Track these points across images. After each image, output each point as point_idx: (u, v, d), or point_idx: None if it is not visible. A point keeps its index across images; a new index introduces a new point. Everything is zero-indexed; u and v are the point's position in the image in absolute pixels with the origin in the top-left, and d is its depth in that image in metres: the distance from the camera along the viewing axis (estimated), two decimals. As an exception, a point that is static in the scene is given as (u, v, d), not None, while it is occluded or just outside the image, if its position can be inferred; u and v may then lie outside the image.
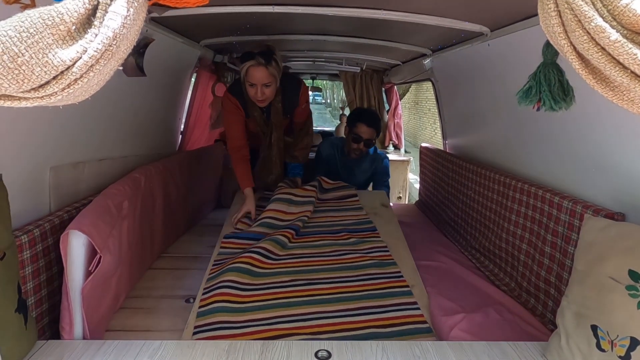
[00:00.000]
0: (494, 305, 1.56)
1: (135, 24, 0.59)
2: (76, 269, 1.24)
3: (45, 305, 1.32)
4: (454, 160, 2.54)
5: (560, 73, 1.00)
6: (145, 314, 1.59)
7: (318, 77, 4.82)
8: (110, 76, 0.63)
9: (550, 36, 0.63)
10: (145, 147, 2.27)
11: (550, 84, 0.99)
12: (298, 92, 2.34)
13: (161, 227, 2.14)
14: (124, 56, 0.61)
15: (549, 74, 0.99)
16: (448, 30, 1.90)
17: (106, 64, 0.57)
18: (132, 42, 0.62)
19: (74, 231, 1.23)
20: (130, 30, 0.58)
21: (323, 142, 3.10)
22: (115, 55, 0.58)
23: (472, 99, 2.35)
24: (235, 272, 1.68)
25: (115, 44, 0.56)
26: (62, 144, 1.48)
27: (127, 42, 0.59)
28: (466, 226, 2.30)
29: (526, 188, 1.69)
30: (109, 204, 1.47)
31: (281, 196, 2.29)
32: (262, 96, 2.12)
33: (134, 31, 0.60)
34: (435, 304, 1.55)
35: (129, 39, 0.59)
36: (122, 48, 0.58)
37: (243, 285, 1.62)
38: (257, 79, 2.05)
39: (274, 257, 1.85)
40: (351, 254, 1.89)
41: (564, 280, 1.44)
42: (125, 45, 0.59)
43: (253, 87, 2.09)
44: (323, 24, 2.28)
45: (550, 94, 0.98)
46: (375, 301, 1.57)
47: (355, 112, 2.97)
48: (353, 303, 1.56)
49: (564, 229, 1.45)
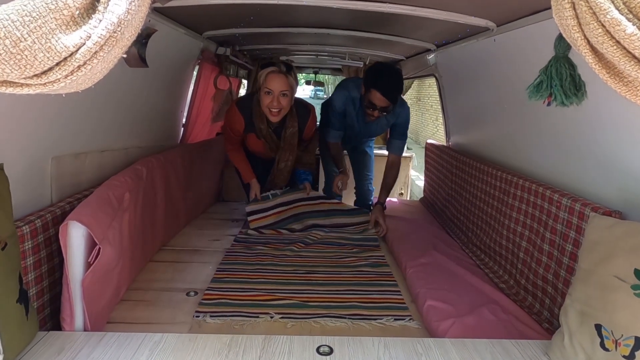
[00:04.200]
0: (488, 305, 1.54)
1: (140, 10, 0.57)
2: (76, 260, 1.23)
3: (46, 296, 1.32)
4: (458, 157, 2.53)
5: (572, 67, 0.98)
6: (146, 307, 1.59)
7: (320, 72, 4.80)
8: (114, 64, 0.61)
9: (563, 29, 0.62)
10: (146, 139, 2.26)
11: (562, 78, 0.97)
12: (308, 117, 2.42)
13: (162, 219, 2.14)
14: (128, 44, 0.60)
15: (561, 68, 0.98)
16: (453, 24, 1.88)
17: (110, 51, 0.55)
18: (137, 30, 0.60)
19: (73, 222, 1.22)
20: (135, 17, 0.57)
21: (337, 92, 2.52)
22: (120, 43, 0.56)
23: (477, 96, 2.33)
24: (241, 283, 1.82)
25: (120, 30, 0.55)
26: (64, 135, 1.47)
27: (132, 29, 0.58)
28: (468, 223, 2.29)
29: (527, 185, 1.68)
30: (110, 195, 1.46)
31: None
32: (277, 106, 2.12)
33: (138, 18, 0.58)
34: (428, 306, 1.53)
35: (134, 25, 0.58)
36: (126, 35, 0.57)
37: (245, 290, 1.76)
38: (275, 86, 2.08)
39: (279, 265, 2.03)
40: (350, 257, 2.13)
41: (560, 278, 1.43)
42: (129, 32, 0.58)
43: (269, 95, 2.10)
44: (326, 16, 2.26)
45: (561, 88, 0.97)
46: (362, 287, 1.80)
47: (372, 72, 2.27)
48: (343, 286, 1.80)
49: (562, 227, 1.45)
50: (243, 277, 1.85)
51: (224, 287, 1.75)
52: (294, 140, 2.38)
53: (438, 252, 2.04)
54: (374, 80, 2.21)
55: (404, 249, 2.11)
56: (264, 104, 2.14)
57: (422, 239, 2.27)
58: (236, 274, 1.88)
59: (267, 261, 2.03)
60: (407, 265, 1.90)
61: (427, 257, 1.98)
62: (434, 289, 1.64)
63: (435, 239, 2.31)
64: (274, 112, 2.15)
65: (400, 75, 2.29)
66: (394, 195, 3.99)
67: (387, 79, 2.22)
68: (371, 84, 2.22)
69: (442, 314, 1.47)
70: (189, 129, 3.10)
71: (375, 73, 2.24)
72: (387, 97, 2.19)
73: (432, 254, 2.02)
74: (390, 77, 2.23)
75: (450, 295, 1.59)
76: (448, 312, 1.48)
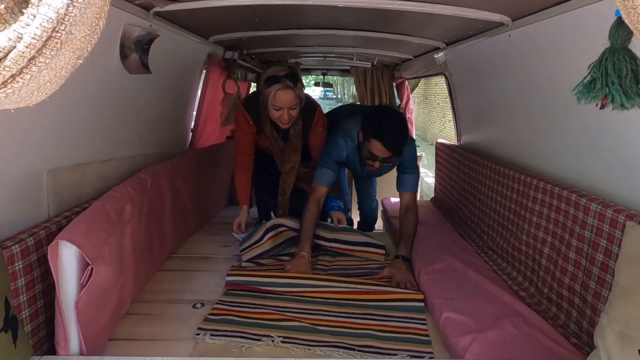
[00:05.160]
0: (510, 317, 1.45)
1: (92, 3, 0.47)
2: (68, 282, 1.18)
3: (41, 317, 1.26)
4: (470, 157, 2.44)
5: (635, 61, 0.81)
6: (151, 321, 1.54)
7: (329, 73, 4.74)
8: (70, 72, 0.51)
9: (626, 12, 0.51)
10: (153, 146, 2.23)
11: (621, 74, 0.79)
12: (314, 115, 2.25)
13: (171, 227, 2.10)
14: (85, 46, 0.50)
15: (619, 63, 0.79)
16: (464, 21, 1.80)
17: (55, 55, 0.45)
18: (93, 28, 0.50)
19: (63, 242, 1.16)
20: (86, 12, 0.46)
21: (336, 138, 2.12)
22: (69, 45, 0.46)
23: (490, 94, 2.24)
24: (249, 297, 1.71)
25: (64, 29, 0.44)
26: (60, 145, 1.42)
27: (84, 27, 0.47)
28: (483, 226, 2.20)
29: (549, 188, 1.59)
30: (108, 208, 1.41)
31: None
32: (289, 119, 2.05)
33: (91, 13, 0.47)
34: (446, 319, 1.45)
35: (86, 22, 0.47)
36: (77, 35, 0.46)
37: (255, 306, 1.65)
38: (284, 102, 1.99)
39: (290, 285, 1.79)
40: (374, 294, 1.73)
41: (590, 289, 1.33)
42: (82, 31, 0.47)
43: (279, 111, 2.02)
44: (333, 17, 2.20)
45: (620, 87, 0.80)
46: (382, 311, 1.61)
47: (372, 119, 1.93)
48: (359, 309, 1.62)
49: (591, 234, 1.35)
50: (256, 289, 1.75)
51: (234, 301, 1.67)
52: (298, 139, 2.26)
53: (453, 257, 1.96)
54: (374, 129, 1.88)
55: (417, 252, 2.03)
56: (273, 116, 2.07)
57: (435, 242, 2.20)
58: (248, 286, 1.76)
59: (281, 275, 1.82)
60: (420, 272, 1.83)
61: (441, 263, 1.90)
62: (451, 299, 1.56)
63: (449, 241, 2.23)
64: (284, 123, 2.09)
65: (404, 121, 1.96)
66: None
67: (389, 128, 1.87)
68: (371, 132, 1.89)
69: (461, 329, 1.38)
70: (197, 134, 3.08)
71: (375, 120, 1.91)
72: (389, 149, 1.87)
73: (447, 258, 1.94)
74: (392, 126, 1.89)
75: (469, 306, 1.51)
76: (467, 325, 1.39)
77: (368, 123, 1.94)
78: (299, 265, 1.89)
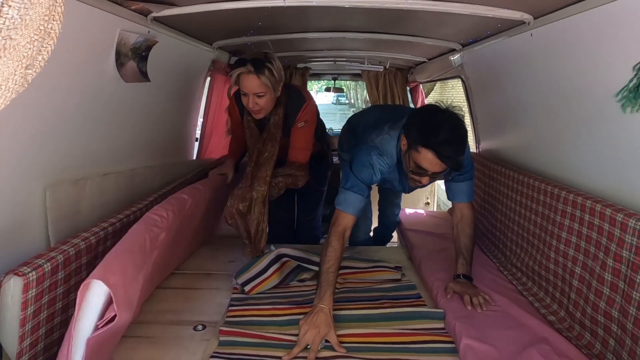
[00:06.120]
0: (538, 345, 1.30)
1: (36, 2, 0.40)
2: (88, 319, 1.11)
3: (40, 345, 1.20)
4: (490, 166, 2.29)
5: None
6: (150, 345, 1.44)
7: (340, 78, 4.64)
8: (21, 85, 0.44)
9: None
10: (155, 157, 2.15)
11: None
12: (300, 108, 2.04)
13: (183, 246, 2.01)
14: (34, 54, 0.43)
15: None
16: (482, 20, 1.68)
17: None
18: (41, 32, 0.43)
19: (97, 281, 1.09)
20: (28, 13, 0.39)
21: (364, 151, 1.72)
22: (10, 52, 0.39)
23: (511, 97, 2.10)
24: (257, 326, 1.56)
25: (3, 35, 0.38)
26: (58, 159, 1.36)
27: (28, 30, 0.40)
28: (505, 240, 2.05)
29: (580, 201, 1.44)
30: (146, 237, 1.32)
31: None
32: (254, 106, 1.94)
33: (36, 14, 0.40)
34: (466, 347, 1.31)
35: (30, 25, 0.41)
36: (20, 40, 0.40)
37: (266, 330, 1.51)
38: (247, 87, 1.89)
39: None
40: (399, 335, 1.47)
41: (630, 316, 1.18)
42: (25, 35, 0.40)
43: (246, 96, 1.93)
44: (341, 19, 2.10)
45: None
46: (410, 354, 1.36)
47: (422, 122, 1.52)
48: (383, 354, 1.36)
49: (630, 254, 1.20)
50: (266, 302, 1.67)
51: (243, 317, 1.57)
52: (277, 129, 2.07)
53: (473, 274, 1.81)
54: (424, 136, 1.46)
55: (433, 269, 1.89)
56: (244, 104, 1.97)
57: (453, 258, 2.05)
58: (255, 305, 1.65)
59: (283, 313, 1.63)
60: (438, 293, 1.69)
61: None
62: (471, 324, 1.42)
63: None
64: (254, 111, 1.97)
65: (463, 126, 1.52)
66: (418, 205, 3.76)
67: (445, 134, 1.43)
68: (419, 140, 1.47)
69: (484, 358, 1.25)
70: (204, 144, 3.01)
71: (427, 124, 1.48)
72: (445, 162, 1.46)
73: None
74: (449, 131, 1.45)
75: (490, 331, 1.37)
76: (490, 356, 1.25)
77: (415, 127, 1.52)
78: (318, 324, 1.40)
